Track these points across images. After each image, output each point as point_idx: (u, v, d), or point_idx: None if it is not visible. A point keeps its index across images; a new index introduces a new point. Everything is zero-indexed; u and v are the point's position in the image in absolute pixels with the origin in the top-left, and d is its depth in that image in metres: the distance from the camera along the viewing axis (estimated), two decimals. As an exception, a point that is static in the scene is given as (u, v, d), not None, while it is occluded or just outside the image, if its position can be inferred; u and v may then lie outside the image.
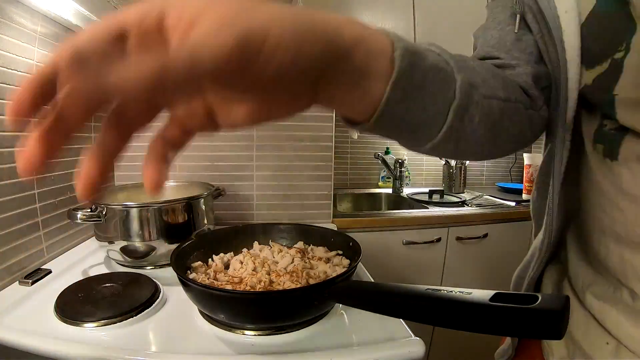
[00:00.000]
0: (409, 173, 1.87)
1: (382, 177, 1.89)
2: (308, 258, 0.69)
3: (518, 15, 0.35)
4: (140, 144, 0.21)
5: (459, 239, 1.33)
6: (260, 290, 0.57)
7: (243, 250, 0.74)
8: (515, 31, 0.35)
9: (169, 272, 0.68)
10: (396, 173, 1.69)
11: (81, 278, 0.69)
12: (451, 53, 0.28)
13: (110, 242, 0.76)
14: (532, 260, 0.40)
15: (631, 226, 0.29)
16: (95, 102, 0.17)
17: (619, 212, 0.30)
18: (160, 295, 0.64)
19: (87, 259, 0.83)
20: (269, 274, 0.62)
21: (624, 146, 0.29)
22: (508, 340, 0.46)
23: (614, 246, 0.31)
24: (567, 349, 0.35)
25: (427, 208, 1.43)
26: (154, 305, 0.60)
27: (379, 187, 1.86)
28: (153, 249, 0.77)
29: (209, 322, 0.57)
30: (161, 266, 0.79)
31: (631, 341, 0.30)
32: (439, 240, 1.30)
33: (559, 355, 0.37)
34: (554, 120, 0.36)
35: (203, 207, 0.85)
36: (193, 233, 0.81)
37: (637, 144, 0.28)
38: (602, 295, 0.32)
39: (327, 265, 0.66)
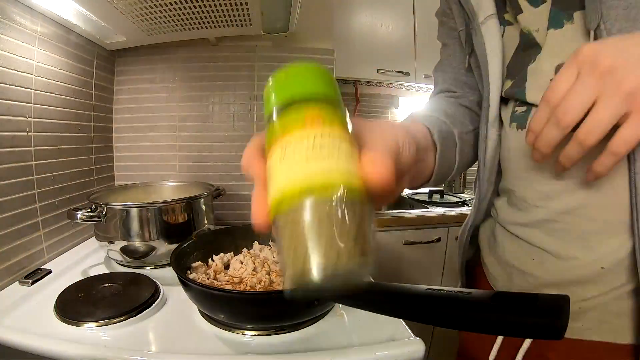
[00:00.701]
0: (409, 173, 1.87)
1: (382, 177, 1.88)
2: (308, 258, 0.69)
3: (467, 56, 0.51)
4: (140, 144, 0.21)
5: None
6: (260, 290, 0.57)
7: (243, 250, 0.74)
8: (466, 66, 0.51)
9: (169, 272, 0.68)
10: (396, 173, 1.68)
11: (81, 278, 0.69)
12: (444, 112, 0.47)
13: (110, 242, 0.76)
14: (473, 214, 0.55)
15: (538, 164, 0.41)
16: None
17: (527, 159, 0.43)
18: (160, 295, 0.64)
19: (87, 259, 0.83)
20: (269, 274, 0.62)
21: (530, 119, 0.43)
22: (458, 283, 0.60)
23: (527, 184, 0.44)
24: (506, 273, 0.48)
25: (427, 208, 1.43)
26: (154, 305, 0.60)
27: (379, 187, 1.86)
28: (153, 249, 0.77)
29: (209, 322, 0.57)
30: (161, 266, 0.79)
31: (548, 246, 0.42)
32: (439, 240, 1.30)
33: (502, 280, 0.49)
34: None
35: (203, 207, 0.85)
36: (193, 233, 0.81)
37: None
38: (527, 222, 0.44)
39: (327, 265, 0.66)
